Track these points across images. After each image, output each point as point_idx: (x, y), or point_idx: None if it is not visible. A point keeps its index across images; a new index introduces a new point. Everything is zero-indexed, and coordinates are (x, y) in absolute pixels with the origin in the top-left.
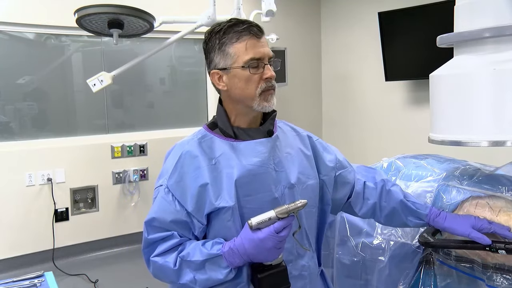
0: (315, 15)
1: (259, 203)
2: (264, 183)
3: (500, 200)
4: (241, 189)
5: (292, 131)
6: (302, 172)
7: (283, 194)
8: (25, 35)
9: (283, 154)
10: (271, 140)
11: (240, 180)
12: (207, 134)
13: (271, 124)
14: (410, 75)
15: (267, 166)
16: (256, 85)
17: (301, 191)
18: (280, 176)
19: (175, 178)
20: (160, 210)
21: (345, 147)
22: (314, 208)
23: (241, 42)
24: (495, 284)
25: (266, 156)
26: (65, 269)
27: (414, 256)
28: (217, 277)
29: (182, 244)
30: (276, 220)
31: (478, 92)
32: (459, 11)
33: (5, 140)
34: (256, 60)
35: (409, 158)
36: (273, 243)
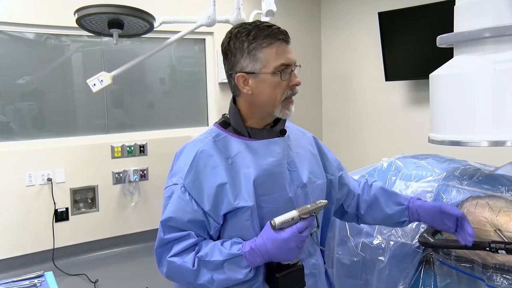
0: (315, 15)
1: (275, 203)
2: (279, 182)
3: (500, 200)
4: (258, 188)
5: (299, 132)
6: (312, 172)
7: (296, 194)
8: (25, 35)
9: (294, 153)
10: (284, 140)
11: (257, 180)
12: (221, 133)
13: (283, 124)
14: (410, 75)
15: (282, 166)
16: (282, 91)
17: (313, 190)
18: (293, 175)
19: (191, 177)
20: (177, 210)
21: (345, 147)
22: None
23: (272, 48)
24: (495, 284)
25: (281, 155)
26: (65, 269)
27: (414, 256)
28: (237, 276)
29: (198, 244)
30: (299, 220)
31: (478, 92)
32: (459, 11)
33: (5, 140)
34: (286, 66)
35: (409, 158)
36: (296, 243)
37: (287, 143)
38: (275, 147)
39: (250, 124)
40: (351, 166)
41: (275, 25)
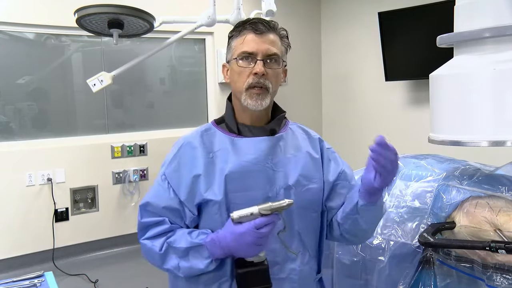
0: (315, 15)
1: (250, 200)
2: (256, 180)
3: (500, 200)
4: (231, 184)
5: (303, 134)
6: (304, 175)
7: (278, 194)
8: (25, 35)
9: (287, 155)
10: (273, 139)
11: (230, 175)
12: (211, 128)
13: (277, 124)
14: (410, 75)
15: (262, 164)
16: (244, 79)
17: (300, 194)
18: (277, 176)
19: (173, 167)
20: (155, 196)
21: (345, 147)
22: (315, 213)
23: (241, 37)
24: (495, 284)
25: (264, 154)
26: (65, 269)
27: (414, 256)
28: (198, 266)
29: (172, 230)
30: (258, 216)
31: (478, 92)
32: (459, 11)
33: (5, 140)
34: (249, 54)
35: (409, 158)
36: (252, 238)
37: (278, 143)
38: (260, 145)
39: (241, 120)
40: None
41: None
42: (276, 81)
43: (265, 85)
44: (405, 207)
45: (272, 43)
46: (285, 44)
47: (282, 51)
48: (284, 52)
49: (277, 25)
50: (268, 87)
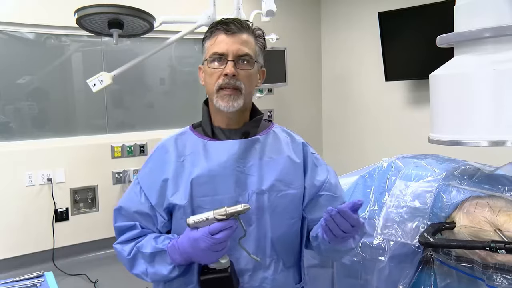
0: (315, 15)
1: (218, 204)
2: (224, 185)
3: (500, 200)
4: (198, 188)
5: (287, 138)
6: (281, 180)
7: (250, 200)
8: (25, 35)
9: (265, 158)
10: (246, 142)
11: (197, 180)
12: (187, 131)
13: (254, 126)
14: (410, 75)
15: (232, 168)
16: (215, 80)
17: (275, 199)
18: (250, 180)
19: (146, 171)
20: (127, 200)
21: (345, 147)
22: (292, 220)
23: (213, 38)
24: (495, 284)
25: (234, 158)
26: (65, 269)
27: (414, 256)
28: (162, 272)
29: (144, 235)
30: (214, 221)
31: (478, 92)
32: (459, 11)
33: (5, 140)
34: (219, 55)
35: (409, 158)
36: (206, 244)
37: (252, 146)
38: (231, 149)
39: (217, 124)
40: (351, 166)
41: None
42: (250, 82)
43: (236, 86)
44: (405, 207)
45: (244, 43)
46: (260, 44)
47: (255, 52)
48: (259, 52)
49: (251, 25)
50: (240, 88)
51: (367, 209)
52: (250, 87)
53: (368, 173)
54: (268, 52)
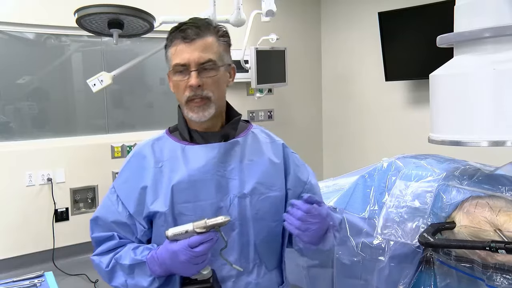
0: (315, 15)
1: (201, 211)
2: (206, 190)
3: (500, 200)
4: (179, 195)
5: (266, 138)
6: (262, 182)
7: (233, 204)
8: (25, 35)
9: (245, 161)
10: (226, 145)
11: (178, 186)
12: (164, 136)
13: (232, 128)
14: (410, 75)
15: (212, 173)
16: (182, 92)
17: (257, 202)
18: (231, 184)
19: (122, 179)
20: (103, 210)
21: (345, 147)
22: (275, 223)
23: (173, 47)
24: (495, 284)
25: (214, 162)
26: (65, 269)
27: (414, 256)
28: (142, 284)
29: (123, 245)
30: (194, 234)
31: (478, 92)
32: (459, 11)
33: (5, 140)
34: (181, 66)
35: (409, 158)
36: (186, 257)
37: (232, 149)
38: (210, 152)
39: (194, 127)
40: (351, 166)
41: (194, 22)
42: (218, 87)
43: (203, 96)
44: (405, 207)
45: (205, 49)
46: (224, 43)
47: (219, 53)
48: (224, 52)
49: (211, 25)
50: (208, 97)
51: (367, 209)
52: (220, 92)
53: (368, 173)
54: (268, 52)
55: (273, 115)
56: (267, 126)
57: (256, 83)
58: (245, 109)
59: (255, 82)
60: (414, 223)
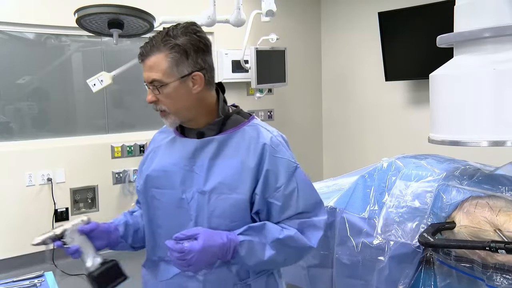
0: (315, 15)
1: (167, 198)
2: (171, 181)
3: (500, 200)
4: (152, 180)
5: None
6: (225, 183)
7: (193, 198)
8: (25, 35)
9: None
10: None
11: (151, 173)
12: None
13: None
14: (410, 75)
15: (180, 166)
16: None
17: (216, 201)
18: (195, 178)
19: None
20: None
21: (345, 147)
22: (234, 223)
23: None
24: (495, 284)
25: (184, 156)
26: (65, 269)
27: (414, 256)
28: None
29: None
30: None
31: (478, 92)
32: (459, 11)
33: (5, 140)
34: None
35: (409, 158)
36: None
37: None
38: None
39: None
40: (351, 166)
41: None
42: (172, 101)
43: (159, 109)
44: (405, 207)
45: (150, 69)
46: (173, 57)
47: (166, 71)
48: (175, 65)
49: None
50: (163, 110)
51: (367, 209)
52: (178, 103)
53: (368, 173)
54: (268, 52)
55: (273, 115)
56: None
57: (256, 83)
58: (245, 109)
59: (255, 82)
60: (414, 223)
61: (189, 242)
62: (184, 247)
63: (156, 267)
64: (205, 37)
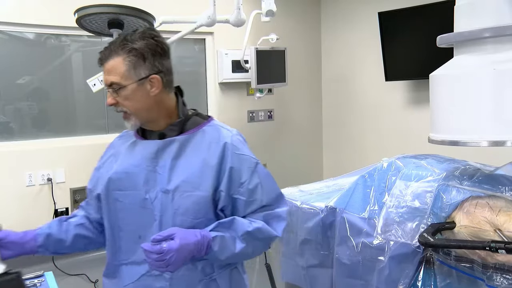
0: (315, 15)
1: (130, 199)
2: (134, 182)
3: (500, 200)
4: (114, 183)
5: (214, 138)
6: (188, 181)
7: (157, 197)
8: (25, 35)
9: (179, 159)
10: (161, 143)
11: (114, 175)
12: (131, 131)
13: (171, 130)
14: (410, 75)
15: (142, 167)
16: None
17: (180, 199)
18: (158, 178)
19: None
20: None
21: (345, 147)
22: (198, 220)
23: None
24: (495, 284)
25: (146, 157)
26: (65, 269)
27: (414, 256)
28: None
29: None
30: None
31: (478, 92)
32: (459, 11)
33: (5, 140)
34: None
35: (409, 158)
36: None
37: (169, 147)
38: (147, 148)
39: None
40: (351, 166)
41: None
42: (131, 102)
43: (120, 111)
44: (405, 207)
45: (109, 72)
46: (131, 60)
47: (123, 73)
48: (133, 68)
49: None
50: (124, 111)
51: (367, 209)
52: (135, 105)
53: (368, 173)
54: (268, 52)
55: (273, 115)
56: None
57: (256, 83)
58: (245, 109)
59: (255, 82)
60: (414, 223)
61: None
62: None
63: (118, 272)
64: (162, 41)
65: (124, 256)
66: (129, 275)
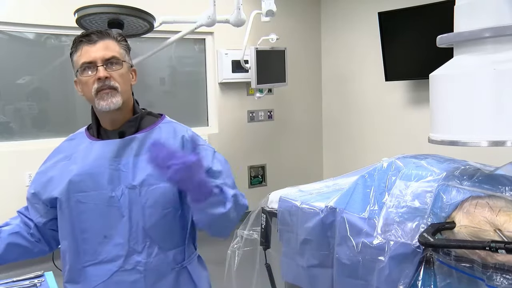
0: (315, 15)
1: (95, 200)
2: (98, 182)
3: (500, 200)
4: (75, 185)
5: (171, 133)
6: (153, 174)
7: (124, 194)
8: (25, 35)
9: (141, 156)
10: (121, 142)
11: (74, 177)
12: (80, 133)
13: (130, 126)
14: (410, 75)
15: (106, 166)
16: (91, 87)
17: (147, 193)
18: (123, 176)
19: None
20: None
21: (345, 147)
22: (167, 210)
23: (78, 51)
24: (495, 284)
25: (109, 156)
26: None
27: (414, 256)
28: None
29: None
30: None
31: (478, 92)
32: (459, 11)
33: (5, 140)
34: (88, 63)
35: (409, 158)
36: None
37: (130, 145)
38: (106, 148)
39: (104, 125)
40: (351, 166)
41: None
42: (124, 81)
43: (111, 86)
44: (405, 207)
45: (107, 48)
46: (123, 46)
47: (121, 53)
48: (125, 54)
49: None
50: (115, 87)
51: (367, 209)
52: (125, 85)
53: (368, 173)
54: (268, 52)
55: (273, 115)
56: (267, 126)
57: (256, 83)
58: (245, 109)
59: (255, 82)
60: (414, 223)
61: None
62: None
63: (83, 275)
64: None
65: (89, 258)
66: (98, 275)
